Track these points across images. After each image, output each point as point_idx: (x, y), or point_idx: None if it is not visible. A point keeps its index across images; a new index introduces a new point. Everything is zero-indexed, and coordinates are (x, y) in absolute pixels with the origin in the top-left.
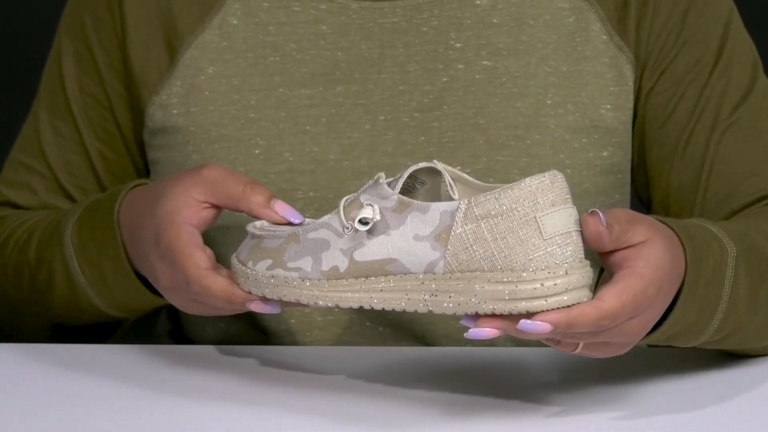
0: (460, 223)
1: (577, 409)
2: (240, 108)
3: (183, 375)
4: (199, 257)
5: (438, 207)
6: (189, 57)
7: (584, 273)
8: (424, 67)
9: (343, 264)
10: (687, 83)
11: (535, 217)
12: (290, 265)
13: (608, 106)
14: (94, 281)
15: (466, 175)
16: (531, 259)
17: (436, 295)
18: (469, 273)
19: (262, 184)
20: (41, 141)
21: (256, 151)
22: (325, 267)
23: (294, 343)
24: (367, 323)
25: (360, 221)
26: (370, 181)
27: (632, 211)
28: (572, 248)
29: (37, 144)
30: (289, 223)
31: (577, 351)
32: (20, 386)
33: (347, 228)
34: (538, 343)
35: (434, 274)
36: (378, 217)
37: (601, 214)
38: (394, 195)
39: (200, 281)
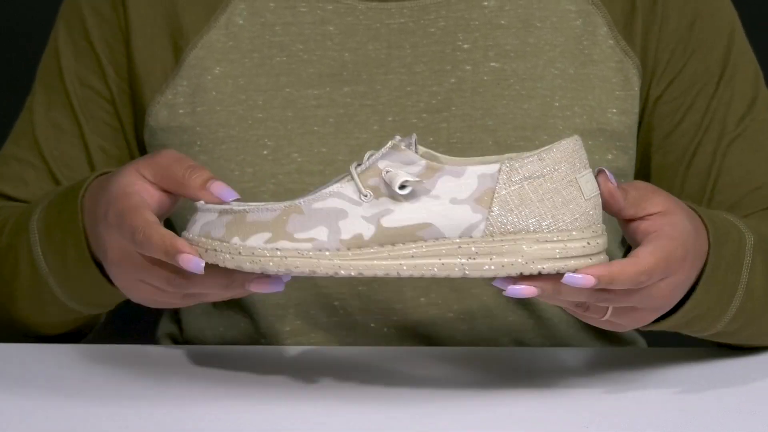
0: (504, 185)
1: (577, 409)
2: (247, 108)
3: (183, 375)
4: (149, 214)
5: (475, 170)
6: (195, 57)
7: (607, 237)
8: (432, 68)
9: (368, 231)
10: (695, 94)
11: (575, 178)
12: (299, 236)
13: (614, 110)
14: (56, 269)
15: (436, 153)
16: (576, 219)
17: (474, 258)
18: (512, 234)
19: (271, 184)
20: (36, 134)
21: (264, 152)
22: (345, 236)
23: (297, 344)
24: (372, 324)
25: (400, 186)
26: (385, 148)
27: (652, 184)
28: (601, 210)
29: (31, 137)
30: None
31: (605, 317)
32: (20, 386)
33: (365, 195)
34: (539, 342)
35: (471, 237)
36: (420, 180)
37: (607, 172)
38: (422, 160)
39: (144, 230)
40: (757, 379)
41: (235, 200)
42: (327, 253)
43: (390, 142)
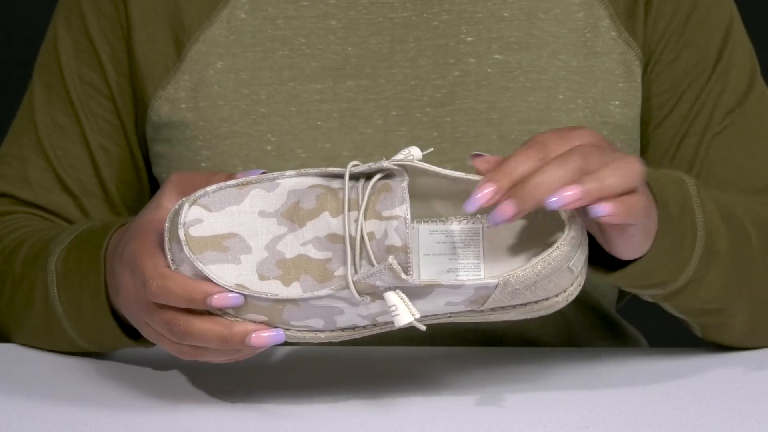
0: (499, 292)
1: (577, 409)
2: (250, 103)
3: (183, 375)
4: (160, 258)
5: (473, 284)
6: (197, 51)
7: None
8: (436, 62)
9: (364, 323)
10: (685, 86)
11: (568, 266)
12: (295, 323)
13: (617, 102)
14: (71, 312)
15: (436, 168)
16: (565, 289)
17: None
18: (501, 308)
19: None
20: (38, 132)
21: (268, 147)
22: (341, 325)
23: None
24: None
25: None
26: (382, 265)
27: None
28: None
29: (33, 136)
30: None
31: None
32: (20, 386)
33: (363, 299)
34: (546, 340)
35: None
36: (417, 315)
37: (479, 155)
38: (416, 281)
39: (157, 280)
40: (757, 379)
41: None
42: (323, 335)
43: (388, 260)
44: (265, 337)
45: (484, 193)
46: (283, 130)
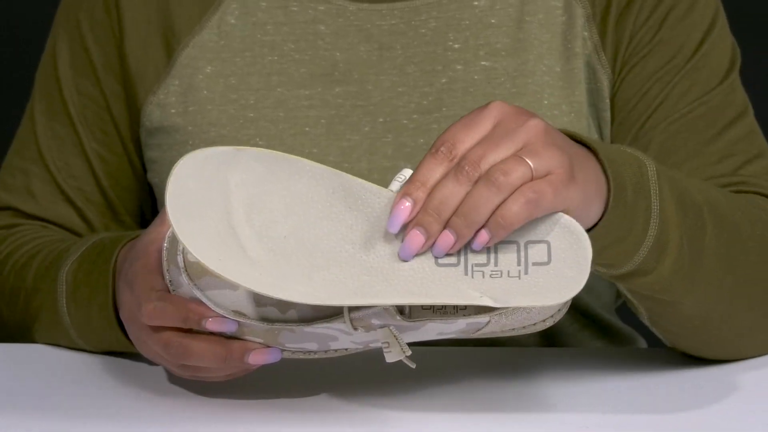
0: (489, 328)
1: (577, 409)
2: (238, 108)
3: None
4: (157, 280)
5: (465, 320)
6: (187, 56)
7: None
8: (423, 69)
9: (357, 347)
10: (653, 82)
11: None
12: (290, 346)
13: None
14: (79, 323)
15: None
16: (552, 315)
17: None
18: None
19: None
20: (39, 144)
21: None
22: (335, 347)
23: None
24: None
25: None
26: (378, 308)
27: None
28: None
29: (35, 147)
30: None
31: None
32: (20, 386)
33: (357, 330)
34: (540, 342)
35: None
36: (408, 353)
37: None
38: (408, 321)
39: (153, 302)
40: (757, 379)
41: None
42: (316, 356)
43: (387, 306)
44: (263, 355)
45: (403, 209)
46: (271, 135)
